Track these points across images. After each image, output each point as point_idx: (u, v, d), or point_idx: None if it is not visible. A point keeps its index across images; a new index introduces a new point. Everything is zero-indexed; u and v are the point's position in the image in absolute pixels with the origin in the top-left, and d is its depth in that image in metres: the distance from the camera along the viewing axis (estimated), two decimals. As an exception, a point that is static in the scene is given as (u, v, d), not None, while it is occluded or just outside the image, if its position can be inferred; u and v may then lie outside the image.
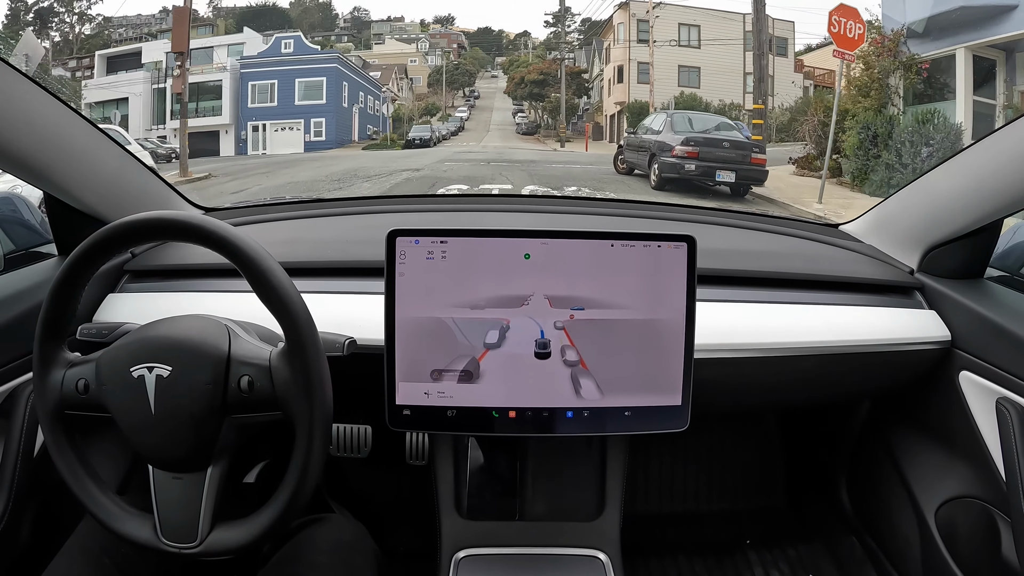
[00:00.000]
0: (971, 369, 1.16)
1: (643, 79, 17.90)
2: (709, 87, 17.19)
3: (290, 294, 0.82)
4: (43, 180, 1.12)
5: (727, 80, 17.11)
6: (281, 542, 1.02)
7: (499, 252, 1.01)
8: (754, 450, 1.85)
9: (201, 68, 17.13)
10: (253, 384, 0.83)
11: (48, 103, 1.05)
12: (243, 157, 16.61)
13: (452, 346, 1.02)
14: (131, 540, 0.84)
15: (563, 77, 20.30)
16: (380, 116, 19.74)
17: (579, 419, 1.04)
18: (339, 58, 18.64)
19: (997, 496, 1.13)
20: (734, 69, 17.12)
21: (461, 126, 21.09)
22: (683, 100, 16.99)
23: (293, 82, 17.69)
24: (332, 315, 1.03)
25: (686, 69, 17.61)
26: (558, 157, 15.57)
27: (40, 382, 0.87)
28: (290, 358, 0.82)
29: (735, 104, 16.93)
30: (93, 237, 0.84)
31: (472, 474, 1.25)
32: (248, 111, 17.39)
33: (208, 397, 0.82)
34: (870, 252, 1.41)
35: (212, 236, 0.82)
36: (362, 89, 19.32)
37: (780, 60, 17.14)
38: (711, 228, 1.52)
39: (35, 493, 1.08)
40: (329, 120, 17.94)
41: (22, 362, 1.05)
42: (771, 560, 1.63)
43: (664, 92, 17.42)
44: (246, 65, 17.54)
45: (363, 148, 18.02)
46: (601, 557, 1.21)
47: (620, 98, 18.19)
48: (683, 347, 1.02)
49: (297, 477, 0.82)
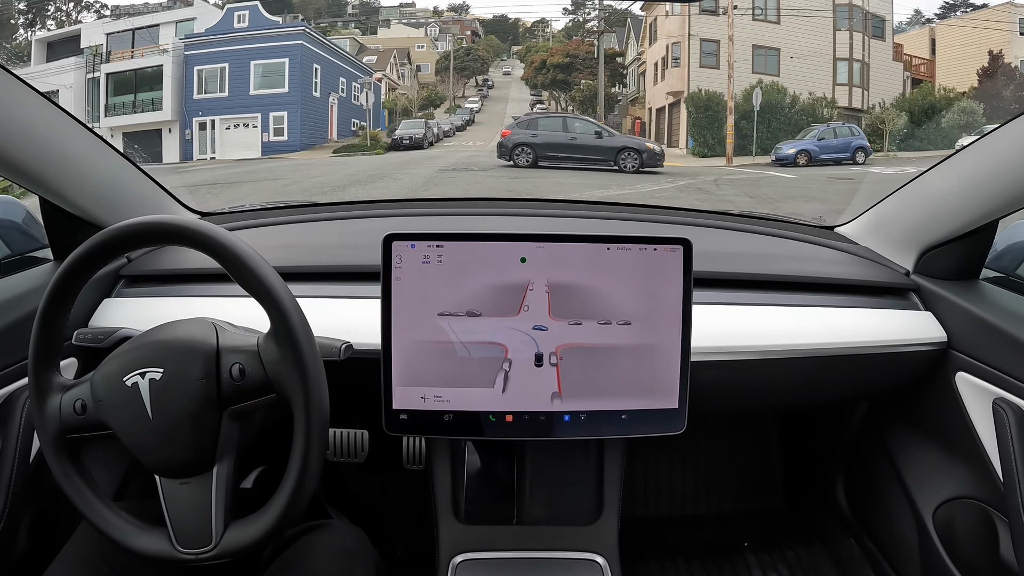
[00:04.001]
0: (967, 370, 1.16)
1: (708, 62, 14.14)
2: (791, 75, 13.88)
3: (283, 295, 0.81)
4: (39, 185, 1.12)
5: (813, 66, 13.69)
6: (280, 549, 1.02)
7: (495, 256, 1.01)
8: (752, 452, 1.85)
9: (141, 51, 13.59)
10: (244, 370, 0.83)
11: (44, 107, 1.05)
12: (187, 164, 13.19)
13: (449, 351, 1.02)
14: (149, 556, 0.84)
15: (600, 55, 16.11)
16: (369, 108, 16.10)
17: (576, 423, 1.04)
18: (305, 32, 14.65)
19: (995, 497, 1.13)
20: (821, 52, 13.67)
21: (471, 119, 18.45)
22: (764, 91, 13.65)
23: (248, 65, 14.13)
24: (328, 320, 1.03)
25: (762, 51, 14.04)
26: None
27: (38, 410, 0.87)
28: (277, 339, 0.82)
29: (827, 99, 13.66)
30: (86, 245, 0.84)
31: (469, 478, 1.24)
32: (193, 104, 13.93)
33: (203, 392, 0.82)
34: (866, 254, 1.41)
35: (205, 241, 0.82)
36: (343, 74, 15.73)
37: (876, 44, 13.53)
38: (707, 231, 1.52)
39: (31, 499, 1.08)
40: (293, 114, 14.33)
41: (18, 368, 1.04)
42: (769, 562, 1.62)
43: (736, 80, 13.79)
44: (192, 45, 13.90)
45: (333, 152, 14.27)
46: (599, 561, 1.21)
47: (674, 87, 14.61)
48: (680, 350, 1.03)
49: (301, 457, 0.81)
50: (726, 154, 14.24)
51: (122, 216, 0.89)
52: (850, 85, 13.79)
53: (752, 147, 14.22)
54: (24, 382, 1.04)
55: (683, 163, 13.86)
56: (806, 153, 13.68)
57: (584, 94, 16.41)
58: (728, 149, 14.24)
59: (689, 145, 14.77)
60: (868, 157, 13.33)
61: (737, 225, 1.57)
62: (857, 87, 13.92)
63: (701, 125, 14.47)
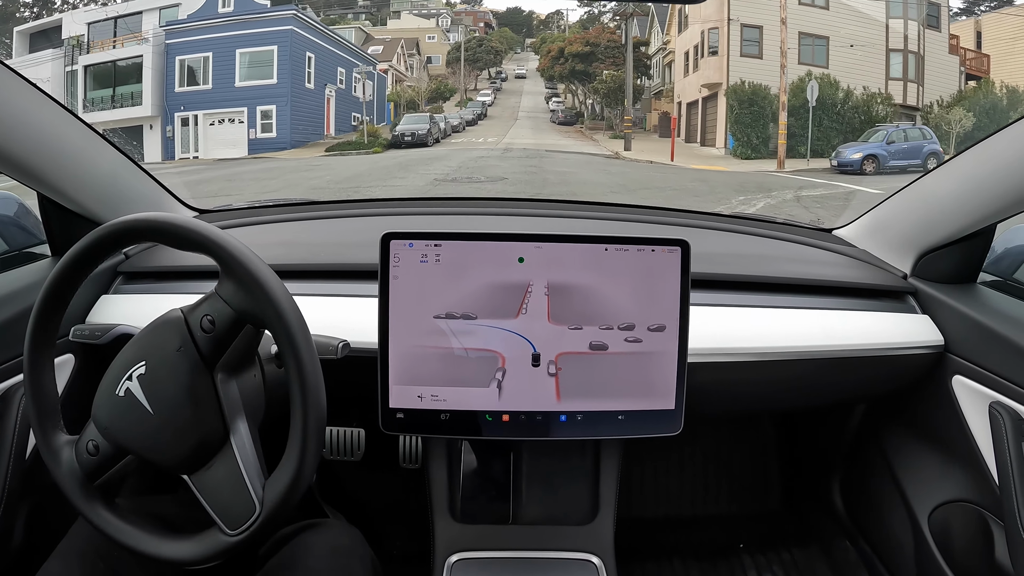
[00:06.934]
0: (964, 373, 1.17)
1: (750, 50, 12.25)
2: (840, 67, 12.03)
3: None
4: (37, 180, 1.12)
5: (864, 58, 11.88)
6: (277, 548, 1.02)
7: (493, 256, 1.01)
8: (748, 454, 1.85)
9: (121, 40, 12.34)
10: (213, 319, 0.82)
11: (42, 103, 1.05)
12: (168, 163, 12.06)
13: (446, 351, 1.02)
14: (214, 556, 0.83)
15: (629, 41, 14.25)
16: (370, 101, 14.63)
17: (572, 423, 1.04)
18: (295, 17, 13.00)
19: (990, 500, 1.13)
20: (873, 43, 11.83)
21: (483, 112, 17.35)
22: (810, 86, 11.80)
23: (233, 54, 12.72)
24: (326, 318, 1.03)
25: (809, 40, 12.15)
26: (640, 174, 10.36)
27: (57, 470, 0.87)
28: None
29: (881, 95, 11.76)
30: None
31: (466, 477, 1.24)
32: (175, 97, 12.65)
33: (186, 359, 0.82)
34: (863, 256, 1.41)
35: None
36: (342, 64, 14.31)
37: (931, 35, 11.57)
38: (705, 232, 1.52)
39: (27, 495, 1.08)
40: (282, 108, 12.90)
41: (13, 364, 1.04)
42: (766, 564, 1.63)
43: (779, 71, 11.85)
44: (173, 33, 12.56)
45: (326, 151, 13.09)
46: (595, 561, 1.21)
47: (710, 78, 12.77)
48: (677, 351, 1.03)
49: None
50: (777, 157, 12.52)
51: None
52: (904, 80, 11.90)
53: (804, 149, 12.57)
54: (20, 379, 1.04)
55: (724, 165, 11.99)
56: (874, 159, 11.72)
57: (608, 86, 14.81)
58: (780, 151, 12.45)
59: (729, 145, 13.17)
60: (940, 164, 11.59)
61: (735, 227, 1.57)
62: (912, 82, 12.04)
63: (744, 122, 12.64)
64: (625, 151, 12.26)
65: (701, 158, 11.52)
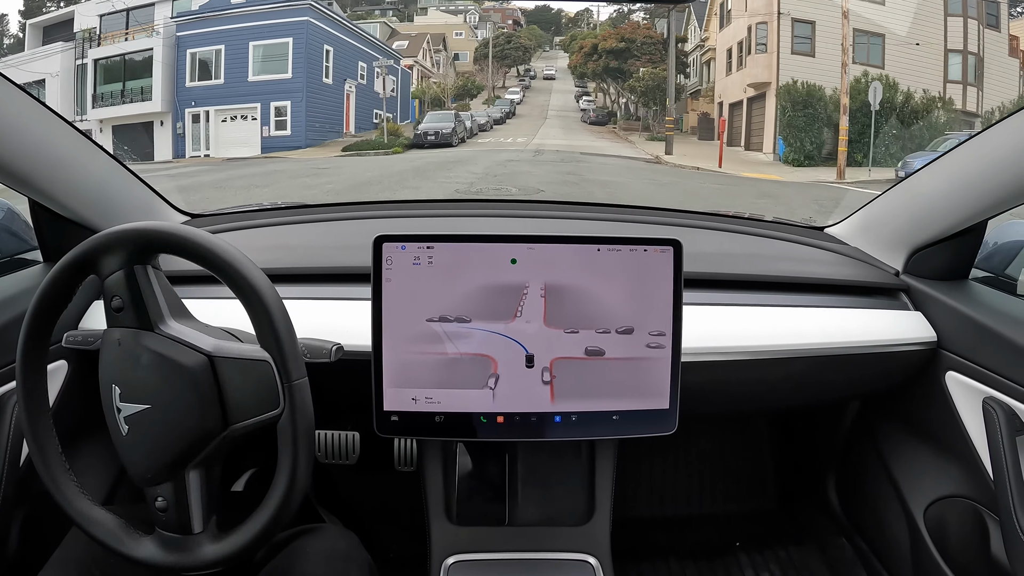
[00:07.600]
0: (957, 369, 1.17)
1: (801, 48, 11.02)
2: (897, 67, 11.00)
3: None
4: (28, 186, 1.11)
5: (922, 58, 10.77)
6: (273, 553, 1.01)
7: (486, 257, 1.01)
8: (743, 453, 1.85)
9: (132, 32, 11.74)
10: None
11: (33, 108, 1.04)
12: (179, 162, 11.50)
13: (440, 353, 1.01)
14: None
15: (672, 35, 12.88)
16: (392, 98, 13.70)
17: (567, 423, 1.04)
18: (311, 7, 12.10)
19: (985, 495, 1.13)
20: (930, 42, 10.73)
21: (511, 111, 16.59)
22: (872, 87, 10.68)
23: (247, 47, 11.98)
24: (318, 322, 1.03)
25: (864, 37, 11.14)
26: (695, 185, 9.20)
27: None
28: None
29: (942, 99, 10.68)
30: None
31: (461, 479, 1.24)
32: (186, 92, 12.07)
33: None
34: (855, 254, 1.42)
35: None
36: (363, 58, 13.41)
37: (990, 35, 10.62)
38: (696, 232, 1.52)
39: (21, 502, 1.07)
40: (297, 104, 12.10)
41: (6, 371, 1.04)
42: (762, 562, 1.63)
43: (833, 70, 10.73)
44: (184, 25, 11.90)
45: (343, 150, 12.39)
46: (591, 561, 1.21)
47: (758, 76, 11.56)
48: (670, 351, 1.03)
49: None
50: (836, 165, 11.36)
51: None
52: (964, 83, 10.97)
53: (860, 156, 11.40)
54: (12, 386, 1.03)
55: (776, 173, 10.85)
56: (943, 169, 11.05)
57: (646, 84, 13.74)
58: (840, 159, 11.29)
59: (779, 150, 12.07)
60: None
61: (727, 226, 1.57)
62: (972, 86, 11.13)
63: (798, 126, 11.58)
64: (666, 155, 11.29)
65: (749, 164, 10.46)
